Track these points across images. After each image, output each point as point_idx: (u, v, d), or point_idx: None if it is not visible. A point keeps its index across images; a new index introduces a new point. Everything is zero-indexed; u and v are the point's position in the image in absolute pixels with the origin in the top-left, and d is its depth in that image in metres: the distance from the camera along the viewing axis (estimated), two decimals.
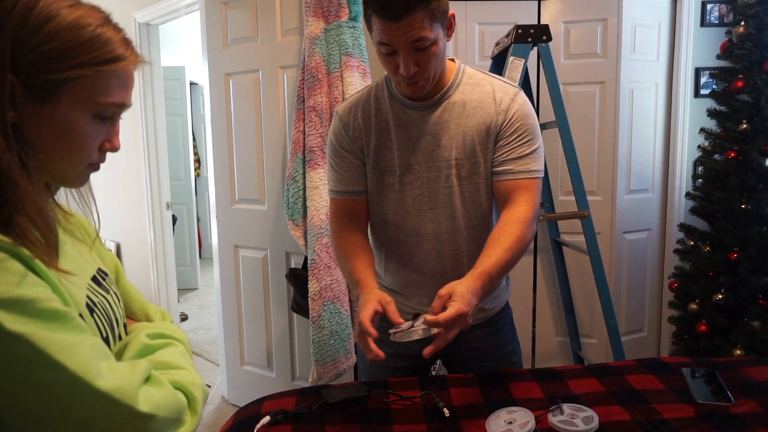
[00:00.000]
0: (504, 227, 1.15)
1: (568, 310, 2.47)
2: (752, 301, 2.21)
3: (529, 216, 1.16)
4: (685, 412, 1.08)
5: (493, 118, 1.18)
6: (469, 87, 1.21)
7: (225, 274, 2.68)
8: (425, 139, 1.21)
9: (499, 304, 1.37)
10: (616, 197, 2.52)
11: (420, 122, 1.21)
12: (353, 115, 1.26)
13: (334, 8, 2.10)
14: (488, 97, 1.20)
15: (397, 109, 1.23)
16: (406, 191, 1.23)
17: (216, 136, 2.60)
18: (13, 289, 0.55)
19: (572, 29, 2.45)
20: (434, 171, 1.21)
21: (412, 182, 1.22)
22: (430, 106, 1.21)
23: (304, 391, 1.21)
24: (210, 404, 2.77)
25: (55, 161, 0.65)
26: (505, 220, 1.16)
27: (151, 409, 0.61)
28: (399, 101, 1.23)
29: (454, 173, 1.20)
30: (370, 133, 1.24)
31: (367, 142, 1.25)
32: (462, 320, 0.97)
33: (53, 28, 0.61)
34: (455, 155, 1.20)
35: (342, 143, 1.27)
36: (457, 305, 0.96)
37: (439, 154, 1.20)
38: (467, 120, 1.19)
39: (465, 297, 0.98)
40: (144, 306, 0.85)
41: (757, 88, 2.21)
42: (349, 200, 1.29)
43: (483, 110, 1.19)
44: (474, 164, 1.20)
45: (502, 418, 1.05)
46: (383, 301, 1.08)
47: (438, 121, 1.20)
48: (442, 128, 1.20)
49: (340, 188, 1.29)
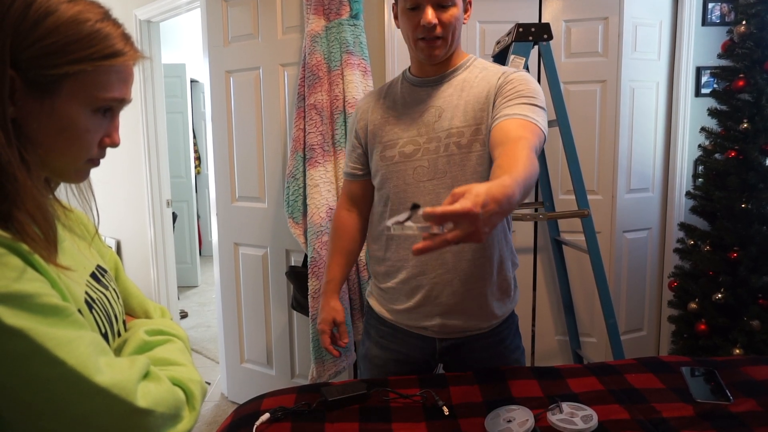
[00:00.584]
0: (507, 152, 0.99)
1: (568, 308, 2.47)
2: (752, 301, 2.21)
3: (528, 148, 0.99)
4: (684, 411, 1.08)
5: (494, 82, 1.21)
6: (477, 69, 1.27)
7: (225, 271, 2.68)
8: (429, 112, 1.26)
9: (506, 312, 1.34)
10: (617, 196, 2.52)
11: (426, 98, 1.28)
12: (365, 99, 1.40)
13: (335, 6, 2.10)
14: (495, 70, 1.25)
15: (406, 89, 1.32)
16: (407, 163, 1.26)
17: (216, 133, 2.60)
18: (12, 284, 0.55)
19: (573, 28, 2.45)
20: (434, 142, 1.23)
21: (412, 154, 1.25)
22: (438, 81, 1.28)
23: (303, 389, 1.21)
24: (209, 401, 2.78)
25: (55, 156, 0.65)
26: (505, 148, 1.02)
27: (150, 404, 0.61)
28: (410, 82, 1.32)
29: (454, 141, 1.22)
30: (376, 111, 1.34)
31: (372, 120, 1.33)
32: (469, 222, 0.72)
33: (53, 23, 0.61)
34: (456, 124, 1.22)
35: (351, 126, 1.41)
36: (465, 202, 0.71)
37: (440, 125, 1.24)
38: (469, 91, 1.24)
39: (480, 197, 0.72)
40: (143, 303, 0.85)
41: (758, 88, 2.20)
42: (348, 181, 1.45)
43: (485, 81, 1.23)
44: (475, 131, 1.21)
45: (502, 416, 1.05)
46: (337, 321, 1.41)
47: (442, 95, 1.26)
48: (445, 101, 1.25)
49: (347, 170, 1.44)
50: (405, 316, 1.32)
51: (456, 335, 1.31)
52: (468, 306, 1.27)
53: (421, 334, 1.32)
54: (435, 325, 1.29)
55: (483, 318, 1.30)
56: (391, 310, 1.35)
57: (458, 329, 1.30)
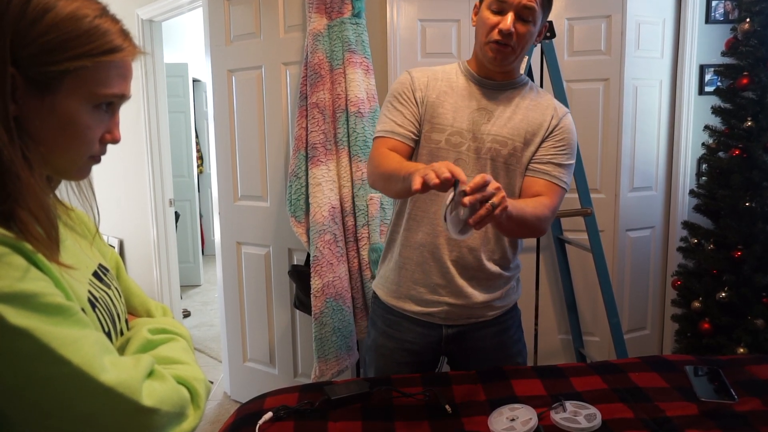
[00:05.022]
0: (529, 199, 1.26)
1: (571, 307, 2.47)
2: (756, 300, 2.20)
3: (551, 210, 1.26)
4: (688, 409, 1.08)
5: (548, 119, 1.30)
6: (532, 91, 1.35)
7: (227, 270, 2.68)
8: (480, 112, 1.30)
9: (509, 303, 1.39)
10: (620, 195, 2.51)
11: (481, 98, 1.31)
12: (423, 73, 1.35)
13: (337, 5, 2.10)
14: (547, 103, 1.33)
15: (463, 82, 1.33)
16: (450, 151, 1.28)
17: (219, 132, 2.60)
18: (16, 283, 0.55)
19: (576, 26, 2.44)
20: (478, 142, 1.28)
21: (457, 145, 1.28)
22: (496, 87, 1.31)
23: (306, 388, 1.21)
24: (212, 400, 2.78)
25: (57, 154, 0.65)
26: (531, 198, 1.26)
27: (155, 403, 0.61)
28: (467, 76, 1.33)
29: (495, 148, 1.28)
30: (433, 91, 1.32)
31: (427, 96, 1.32)
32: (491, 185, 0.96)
33: (51, 19, 0.61)
34: (503, 134, 1.28)
35: (405, 90, 1.33)
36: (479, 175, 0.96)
37: (487, 129, 1.28)
38: (524, 111, 1.30)
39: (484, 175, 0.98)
40: (145, 302, 0.85)
41: (762, 86, 2.20)
42: (392, 139, 1.30)
43: (541, 109, 1.31)
44: (515, 149, 1.28)
45: (505, 415, 1.05)
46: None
47: (497, 102, 1.30)
48: (497, 109, 1.30)
49: (386, 128, 1.31)
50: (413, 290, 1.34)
51: (461, 322, 1.34)
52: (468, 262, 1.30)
53: (428, 321, 1.35)
54: (441, 311, 1.32)
55: (483, 280, 1.32)
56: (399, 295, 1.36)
57: (464, 316, 1.33)
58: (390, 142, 1.30)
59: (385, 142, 1.30)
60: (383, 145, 1.30)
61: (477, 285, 1.31)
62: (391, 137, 1.30)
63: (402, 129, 1.30)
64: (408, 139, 1.30)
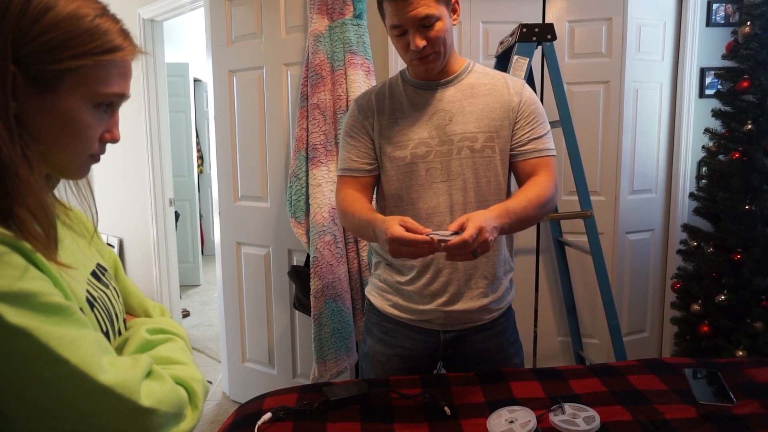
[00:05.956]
0: (528, 186, 1.26)
1: (570, 310, 2.47)
2: (755, 303, 2.20)
3: (552, 182, 1.27)
4: (687, 412, 1.08)
5: (507, 98, 1.29)
6: (479, 75, 1.32)
7: (227, 271, 2.68)
8: (438, 116, 1.28)
9: (505, 305, 1.38)
10: (620, 197, 2.51)
11: (433, 101, 1.30)
12: (368, 98, 1.36)
13: (338, 6, 2.10)
14: (500, 83, 1.31)
15: (410, 91, 1.32)
16: (419, 164, 1.28)
17: (219, 133, 2.60)
18: (15, 282, 0.55)
19: (577, 28, 2.44)
20: (446, 145, 1.27)
21: (424, 155, 1.28)
22: (443, 85, 1.30)
23: (305, 389, 1.21)
24: (211, 401, 2.78)
25: (56, 152, 0.65)
26: (529, 182, 1.27)
27: (153, 403, 0.61)
28: (412, 84, 1.32)
29: (467, 145, 1.26)
30: (383, 112, 1.32)
31: (379, 120, 1.32)
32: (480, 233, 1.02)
33: (52, 18, 0.61)
34: (470, 129, 1.27)
35: (354, 122, 1.35)
36: (474, 223, 1.03)
37: (452, 129, 1.27)
38: (481, 99, 1.29)
39: (481, 217, 1.06)
40: (143, 302, 0.85)
41: (762, 89, 2.20)
42: (352, 178, 1.34)
43: (497, 92, 1.29)
44: (488, 138, 1.27)
45: (504, 417, 1.05)
46: (402, 220, 1.09)
47: (451, 99, 1.29)
48: (454, 106, 1.28)
49: (345, 166, 1.36)
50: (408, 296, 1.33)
51: (459, 327, 1.33)
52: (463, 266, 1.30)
53: (424, 328, 1.34)
54: (438, 317, 1.31)
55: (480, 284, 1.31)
56: (394, 302, 1.36)
57: (461, 320, 1.32)
58: (349, 181, 1.34)
59: (345, 181, 1.35)
60: (344, 185, 1.35)
61: (473, 289, 1.31)
62: (349, 175, 1.34)
63: (358, 163, 1.33)
64: (367, 172, 1.34)
